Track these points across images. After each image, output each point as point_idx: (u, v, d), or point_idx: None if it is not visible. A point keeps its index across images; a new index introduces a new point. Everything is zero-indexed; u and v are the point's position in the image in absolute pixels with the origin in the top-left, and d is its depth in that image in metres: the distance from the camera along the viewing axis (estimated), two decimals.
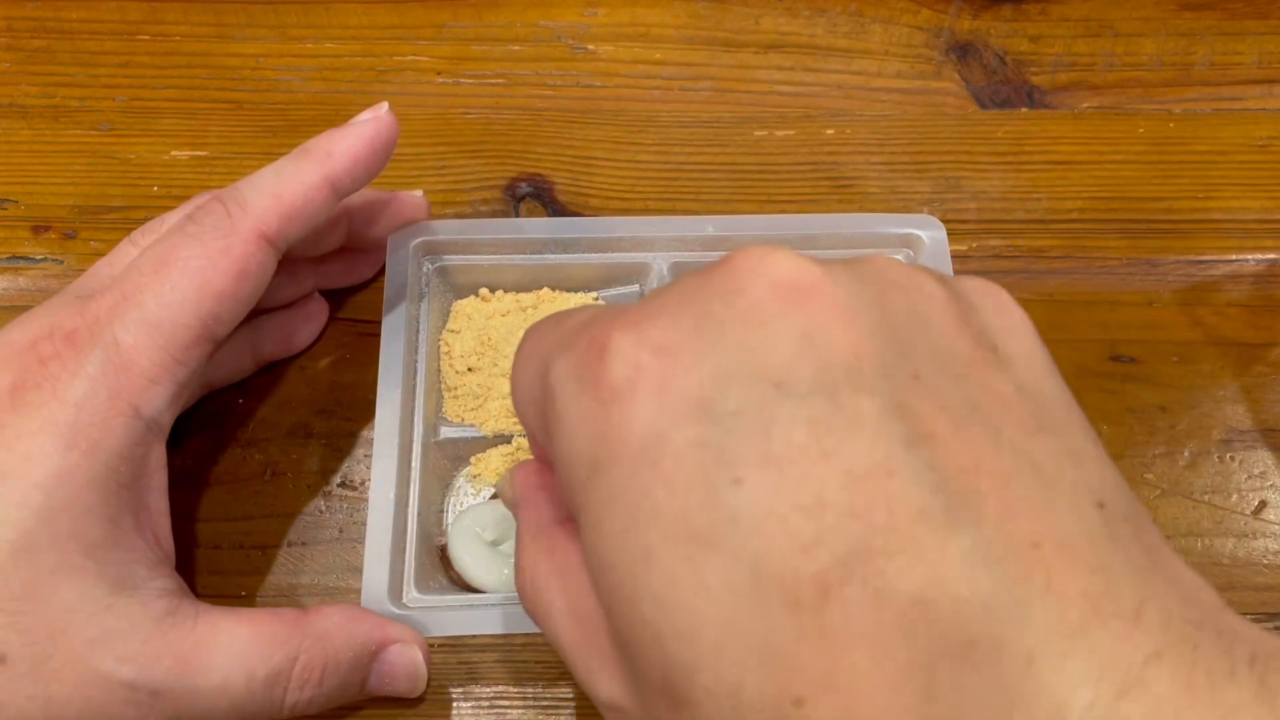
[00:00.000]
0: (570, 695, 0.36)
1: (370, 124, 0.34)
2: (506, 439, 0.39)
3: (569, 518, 0.24)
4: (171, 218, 0.36)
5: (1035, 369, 0.21)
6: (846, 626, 0.17)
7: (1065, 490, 0.18)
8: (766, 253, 0.20)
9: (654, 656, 0.19)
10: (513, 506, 0.28)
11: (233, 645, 0.30)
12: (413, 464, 0.37)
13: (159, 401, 0.30)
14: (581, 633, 0.22)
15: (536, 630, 0.35)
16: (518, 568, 0.25)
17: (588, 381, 0.20)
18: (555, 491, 0.26)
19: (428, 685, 0.34)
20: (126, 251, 0.35)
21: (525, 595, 0.25)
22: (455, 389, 0.40)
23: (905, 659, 0.16)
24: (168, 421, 0.31)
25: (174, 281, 0.30)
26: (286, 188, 0.32)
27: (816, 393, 0.18)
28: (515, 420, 0.39)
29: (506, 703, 0.36)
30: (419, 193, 0.41)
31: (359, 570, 0.38)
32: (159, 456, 0.31)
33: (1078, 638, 0.16)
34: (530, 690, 0.36)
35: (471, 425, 0.39)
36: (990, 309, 0.22)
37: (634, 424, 0.19)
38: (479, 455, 0.39)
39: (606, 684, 0.21)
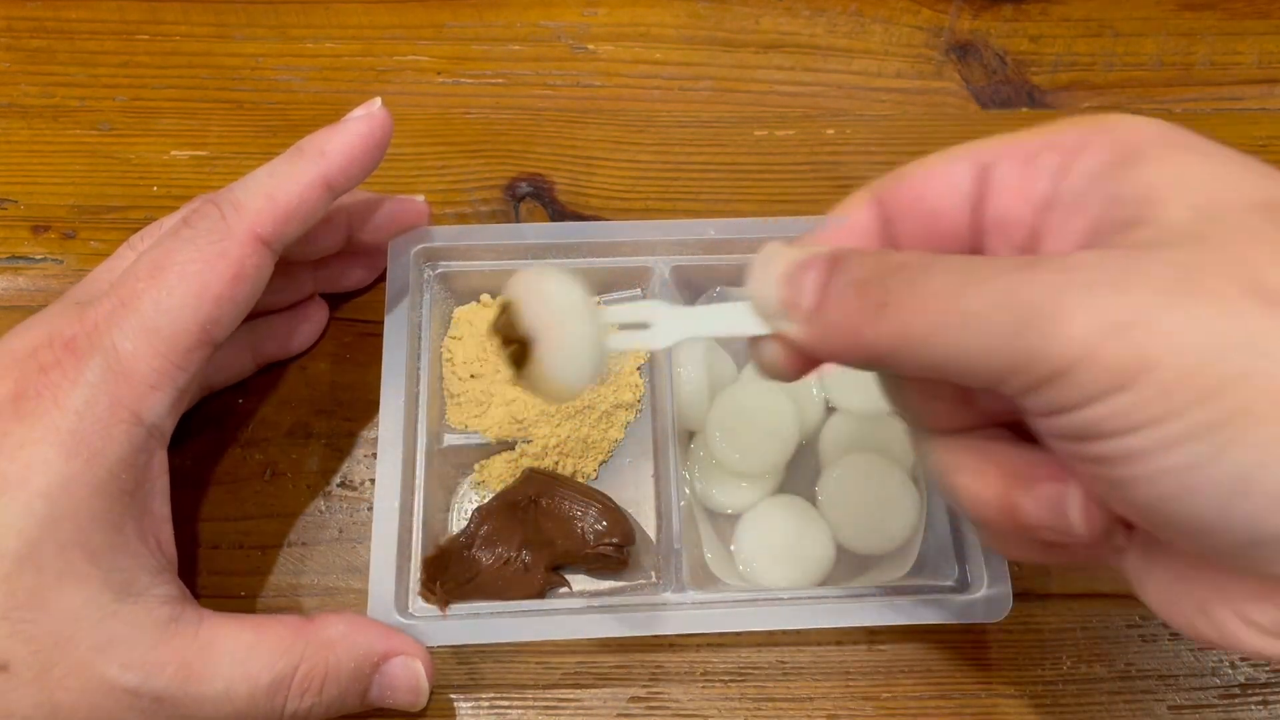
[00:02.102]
0: (570, 696, 0.36)
1: (364, 121, 0.34)
2: (510, 445, 0.39)
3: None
4: (169, 221, 0.35)
5: None
6: None
7: None
8: None
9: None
10: (815, 262, 0.25)
11: (235, 652, 0.30)
12: (417, 472, 0.37)
13: (159, 407, 0.30)
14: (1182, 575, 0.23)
15: (537, 637, 0.35)
16: (862, 292, 0.24)
17: (1233, 290, 0.20)
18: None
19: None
20: (125, 256, 0.35)
21: (890, 303, 0.23)
22: (458, 395, 0.40)
23: None
24: (169, 427, 0.31)
25: (171, 287, 0.30)
26: (281, 188, 0.32)
27: None
28: (518, 426, 0.39)
29: (506, 704, 0.36)
30: (419, 197, 0.41)
31: (359, 570, 0.38)
32: (161, 462, 0.32)
33: None
34: (530, 692, 0.36)
35: (475, 432, 0.39)
36: None
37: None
38: (483, 462, 0.39)
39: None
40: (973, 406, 0.26)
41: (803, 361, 0.26)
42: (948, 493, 0.26)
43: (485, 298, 0.41)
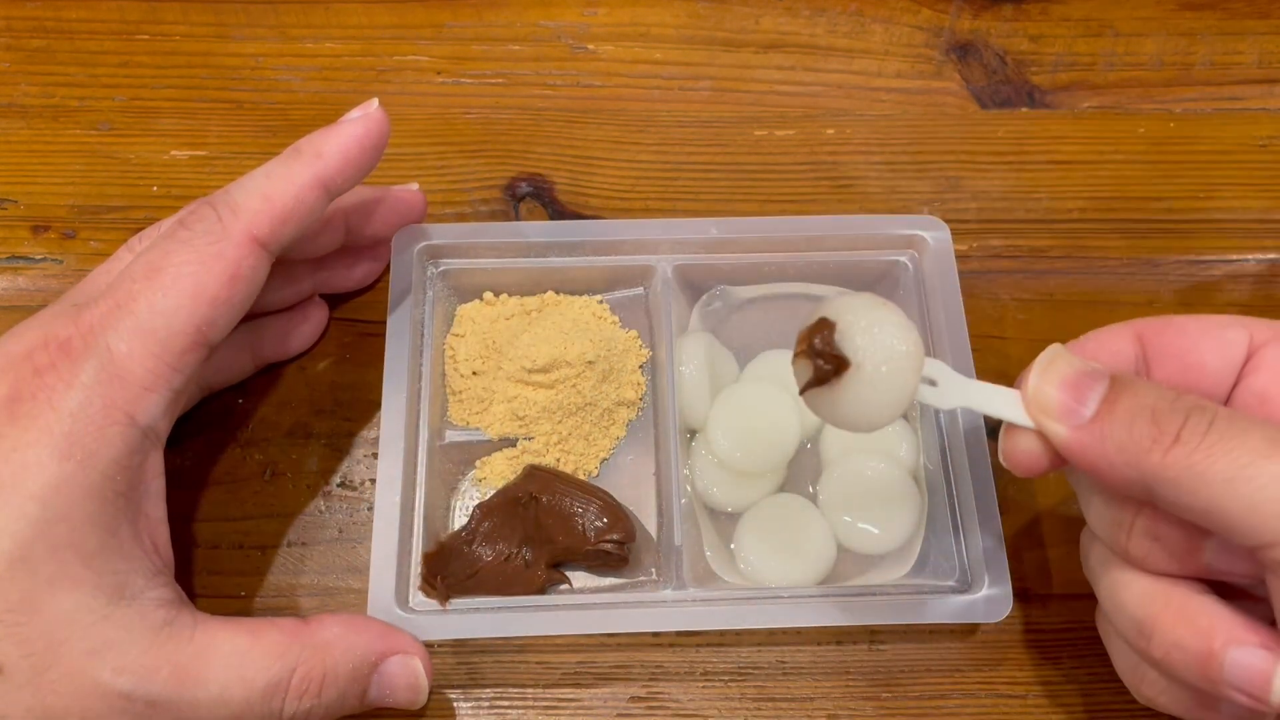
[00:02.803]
0: (570, 696, 0.36)
1: (360, 121, 0.34)
2: (511, 442, 0.39)
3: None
4: (168, 224, 0.35)
5: None
6: None
7: None
8: None
9: None
10: (1097, 379, 0.28)
11: (231, 656, 0.30)
12: (418, 468, 0.37)
13: (154, 409, 0.30)
14: None
15: (537, 632, 0.35)
16: (1153, 430, 0.26)
17: None
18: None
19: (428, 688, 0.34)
20: (123, 258, 0.35)
21: (1197, 455, 0.25)
22: (460, 393, 0.40)
23: None
24: (164, 429, 0.31)
25: (166, 288, 0.30)
26: (277, 190, 0.32)
27: None
28: (519, 423, 0.39)
29: (506, 703, 0.36)
30: (414, 185, 0.41)
31: (359, 570, 0.38)
32: (156, 464, 0.31)
33: None
34: (530, 691, 0.36)
35: (476, 429, 0.39)
36: None
37: None
38: (484, 459, 0.39)
39: None
40: (1194, 557, 0.28)
41: (1053, 461, 0.29)
42: (1136, 628, 0.28)
43: (488, 295, 0.41)
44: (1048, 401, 0.28)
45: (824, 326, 0.28)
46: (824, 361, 0.28)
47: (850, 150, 0.47)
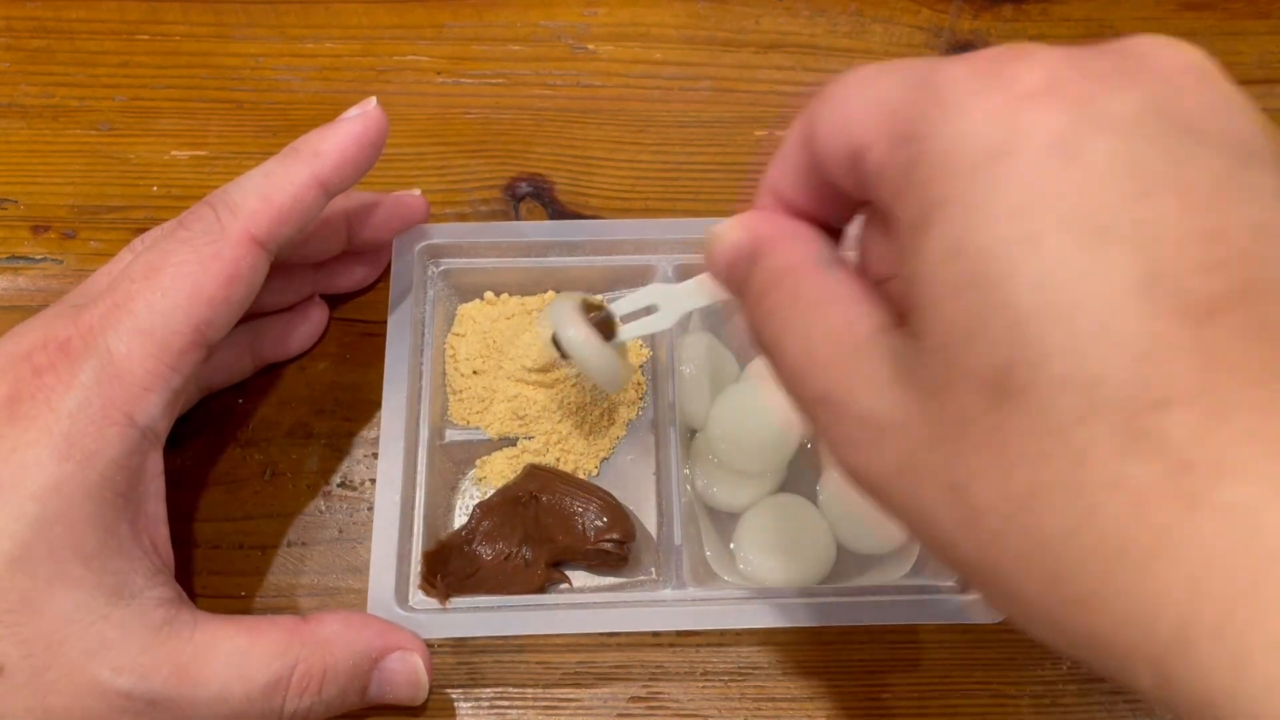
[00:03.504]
0: (570, 696, 0.36)
1: (358, 120, 0.34)
2: (511, 442, 0.39)
3: (827, 263, 0.25)
4: (169, 225, 0.35)
5: None
6: (1229, 347, 0.17)
7: None
8: (1171, 39, 0.21)
9: (1000, 343, 0.19)
10: (737, 251, 0.27)
11: (231, 654, 0.30)
12: (418, 467, 0.37)
13: (153, 409, 0.30)
14: (836, 355, 0.23)
15: (537, 631, 0.35)
16: (763, 297, 0.25)
17: (1000, 80, 0.20)
18: (806, 237, 0.26)
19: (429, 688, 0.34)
20: (125, 260, 0.35)
21: (767, 322, 0.25)
22: (460, 392, 0.40)
23: (1276, 389, 0.17)
24: (164, 429, 0.31)
25: (165, 288, 0.30)
26: (276, 189, 0.32)
27: (1225, 153, 0.19)
28: (520, 423, 0.39)
29: (506, 703, 0.36)
30: (416, 191, 0.41)
31: (359, 570, 0.38)
32: (155, 464, 0.31)
33: None
34: (530, 691, 0.36)
35: (476, 428, 0.39)
36: None
37: (1049, 122, 0.19)
38: (484, 458, 0.39)
39: (869, 398, 0.22)
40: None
41: None
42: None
43: (489, 294, 0.41)
44: (719, 285, 0.29)
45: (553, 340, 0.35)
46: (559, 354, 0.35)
47: None
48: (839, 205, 0.26)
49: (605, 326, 0.35)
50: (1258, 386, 0.17)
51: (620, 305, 0.35)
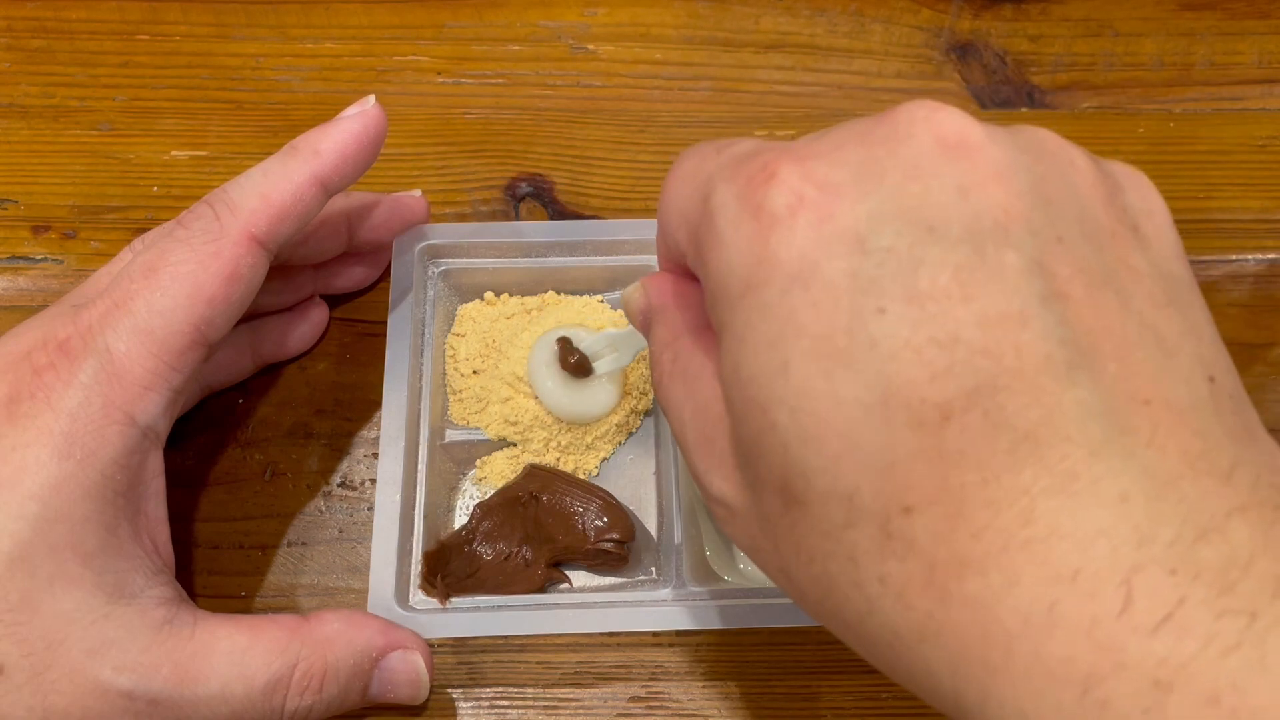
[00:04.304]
0: (570, 695, 0.36)
1: (357, 118, 0.34)
2: (512, 442, 0.39)
3: (703, 328, 0.26)
4: (169, 225, 0.35)
5: (1168, 251, 0.23)
6: (961, 450, 0.19)
7: (1183, 361, 0.20)
8: (935, 108, 0.22)
9: (776, 460, 0.21)
10: (643, 313, 0.29)
11: (231, 653, 0.30)
12: (419, 467, 0.37)
13: (154, 409, 0.30)
14: (702, 434, 0.24)
15: (538, 631, 0.35)
16: (655, 365, 0.27)
17: (751, 207, 0.21)
18: (690, 303, 0.27)
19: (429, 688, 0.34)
20: (125, 260, 0.35)
21: (659, 391, 0.27)
22: (460, 392, 0.40)
23: (1010, 485, 0.18)
24: (164, 428, 0.31)
25: (164, 287, 0.30)
26: (275, 188, 0.32)
27: (965, 241, 0.20)
28: (513, 429, 0.39)
29: (506, 703, 0.36)
30: (417, 192, 0.41)
31: (359, 570, 0.38)
32: (156, 463, 0.31)
33: (1169, 486, 0.18)
34: (530, 691, 0.36)
35: (476, 428, 0.39)
36: (1133, 190, 0.23)
37: (791, 249, 0.20)
38: (484, 458, 0.39)
39: (720, 482, 0.24)
40: None
41: None
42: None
43: (489, 294, 0.41)
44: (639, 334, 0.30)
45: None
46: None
47: None
48: None
49: (579, 367, 0.38)
50: (990, 484, 0.19)
51: (591, 344, 0.38)
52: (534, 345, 0.39)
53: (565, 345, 0.38)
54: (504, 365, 0.39)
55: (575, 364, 0.37)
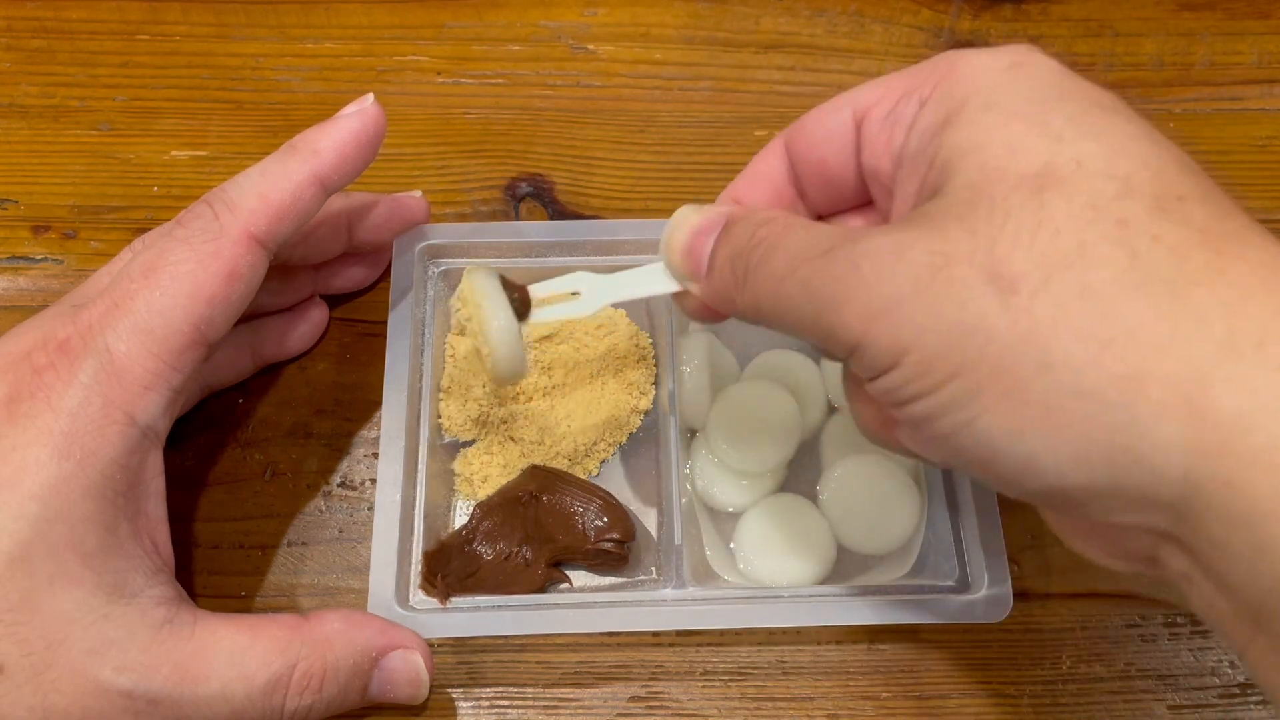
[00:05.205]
0: (570, 695, 0.36)
1: (356, 117, 0.34)
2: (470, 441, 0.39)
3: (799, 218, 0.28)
4: (169, 225, 0.35)
5: None
6: (1210, 186, 0.23)
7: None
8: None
9: (1041, 151, 0.23)
10: (697, 234, 0.29)
11: (231, 652, 0.30)
12: (419, 467, 0.37)
13: (154, 408, 0.30)
14: (838, 232, 0.26)
15: (537, 631, 0.35)
16: (741, 256, 0.27)
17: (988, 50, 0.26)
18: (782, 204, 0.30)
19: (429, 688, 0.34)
20: (125, 260, 0.35)
21: (754, 253, 0.27)
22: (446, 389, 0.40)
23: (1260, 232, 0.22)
24: (164, 428, 0.31)
25: (164, 287, 0.30)
26: (274, 187, 0.32)
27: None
28: (481, 429, 0.39)
29: (506, 703, 0.36)
30: (417, 192, 0.41)
31: (359, 570, 0.38)
32: (156, 463, 0.31)
33: None
34: (530, 691, 0.36)
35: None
36: None
37: (1049, 60, 0.26)
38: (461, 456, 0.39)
39: (882, 233, 0.24)
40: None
41: (712, 312, 0.30)
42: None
43: None
44: (676, 266, 0.30)
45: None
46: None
47: None
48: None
49: (520, 307, 0.33)
50: (1242, 213, 0.22)
51: (539, 288, 0.34)
52: (471, 274, 0.34)
53: (506, 282, 0.33)
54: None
55: (516, 303, 0.33)
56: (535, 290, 0.34)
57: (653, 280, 0.31)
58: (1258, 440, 0.19)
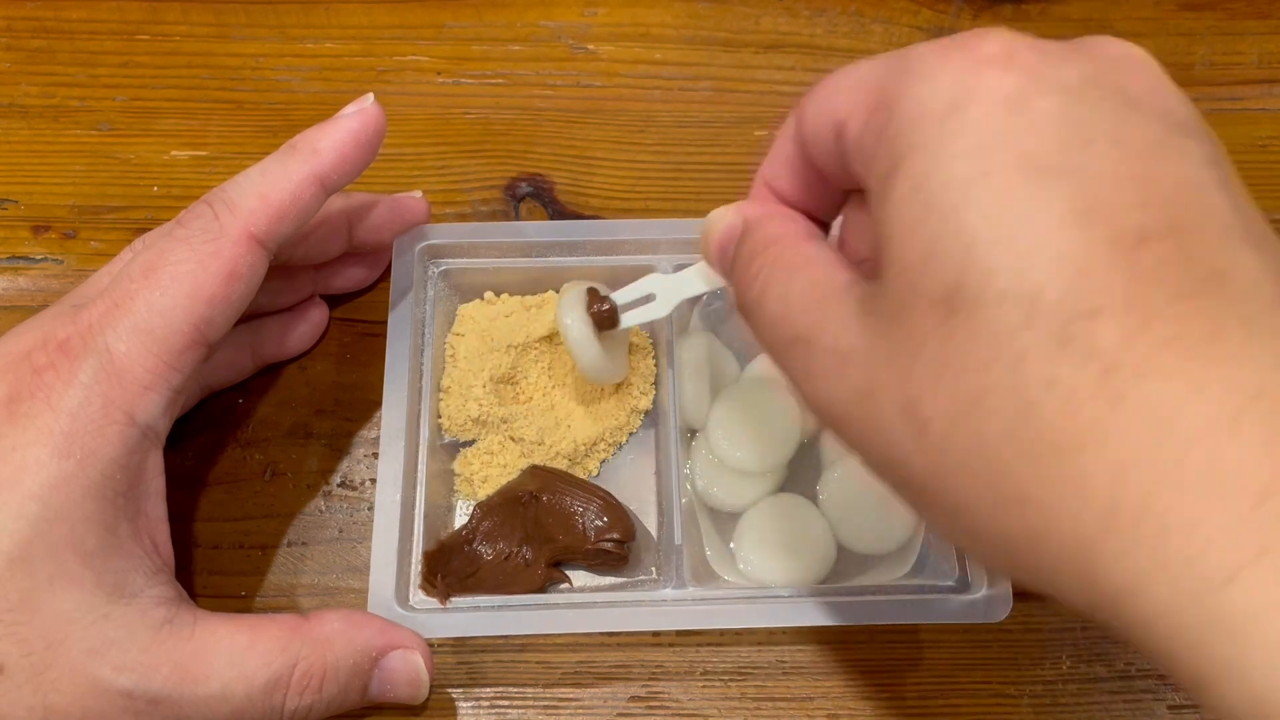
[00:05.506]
0: (570, 695, 0.36)
1: (356, 117, 0.34)
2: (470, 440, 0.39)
3: (804, 236, 0.28)
4: (169, 225, 0.35)
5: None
6: (1155, 268, 0.20)
7: None
8: (1116, 38, 0.24)
9: (953, 262, 0.21)
10: (728, 233, 0.29)
11: (231, 652, 0.30)
12: (419, 467, 0.37)
13: (154, 408, 0.30)
14: (811, 300, 0.25)
15: (537, 631, 0.35)
16: (743, 272, 0.28)
17: (961, 50, 0.23)
18: (791, 217, 0.29)
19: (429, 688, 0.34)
20: (125, 260, 0.35)
21: (751, 287, 0.27)
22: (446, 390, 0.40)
23: (1200, 308, 0.19)
24: (164, 428, 0.31)
25: (164, 287, 0.30)
26: (274, 187, 0.32)
27: (1161, 121, 0.22)
28: (479, 429, 0.39)
29: (506, 703, 0.36)
30: (418, 193, 0.41)
31: (359, 570, 0.38)
32: (156, 463, 0.31)
33: None
34: (530, 691, 0.36)
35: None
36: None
37: (1003, 83, 0.22)
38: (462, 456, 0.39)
39: (833, 337, 0.24)
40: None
41: None
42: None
43: (489, 294, 0.41)
44: (712, 268, 0.31)
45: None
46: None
47: None
48: (824, 195, 0.29)
49: (608, 316, 0.36)
50: (1180, 301, 0.19)
51: (620, 295, 0.37)
52: (564, 292, 0.37)
53: (593, 294, 0.37)
54: (490, 363, 0.39)
55: (603, 313, 0.36)
56: (618, 297, 0.37)
57: (702, 279, 0.35)
58: (1145, 610, 0.19)
